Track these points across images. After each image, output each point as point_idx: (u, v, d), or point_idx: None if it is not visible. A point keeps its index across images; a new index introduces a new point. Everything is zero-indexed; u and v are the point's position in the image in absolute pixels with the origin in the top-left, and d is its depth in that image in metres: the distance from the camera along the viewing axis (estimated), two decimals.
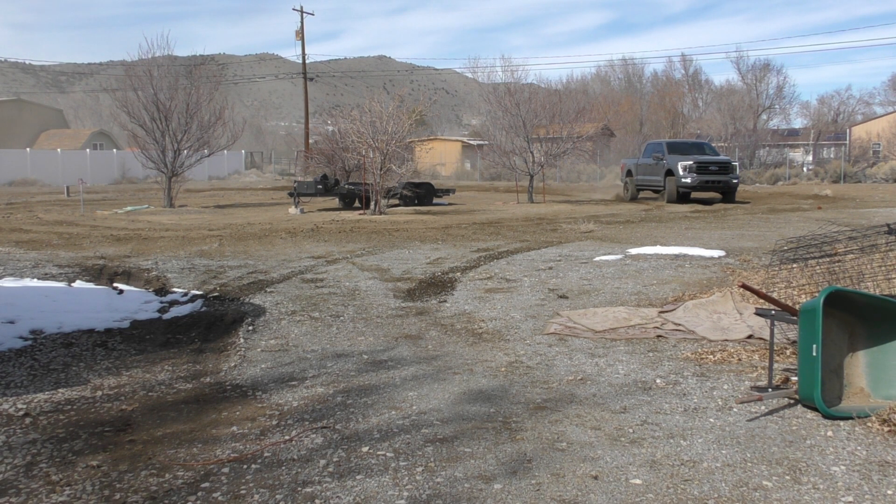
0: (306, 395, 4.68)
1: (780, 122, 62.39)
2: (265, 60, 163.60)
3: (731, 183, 22.72)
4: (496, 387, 4.81)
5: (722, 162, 22.98)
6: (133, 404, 4.58)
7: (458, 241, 12.97)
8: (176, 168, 22.37)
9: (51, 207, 22.69)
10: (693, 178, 22.23)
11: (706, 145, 25.50)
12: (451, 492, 3.32)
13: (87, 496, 3.32)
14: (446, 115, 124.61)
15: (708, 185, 22.51)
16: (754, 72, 60.99)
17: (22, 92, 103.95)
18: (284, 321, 6.77)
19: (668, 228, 14.95)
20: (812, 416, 4.20)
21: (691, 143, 25.82)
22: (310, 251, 11.65)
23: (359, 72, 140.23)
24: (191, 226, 16.40)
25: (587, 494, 3.28)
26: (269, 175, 50.82)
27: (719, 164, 22.88)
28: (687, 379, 4.93)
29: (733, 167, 23.02)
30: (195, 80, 23.56)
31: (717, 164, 22.84)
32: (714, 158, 23.22)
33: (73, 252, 11.69)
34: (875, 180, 36.95)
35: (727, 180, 22.60)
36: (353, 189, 21.68)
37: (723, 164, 22.82)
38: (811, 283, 5.90)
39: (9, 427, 4.18)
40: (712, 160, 22.86)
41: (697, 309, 6.67)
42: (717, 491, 3.31)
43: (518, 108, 24.27)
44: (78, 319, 6.61)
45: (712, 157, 23.27)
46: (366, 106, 19.68)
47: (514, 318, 6.76)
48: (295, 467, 3.60)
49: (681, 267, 9.53)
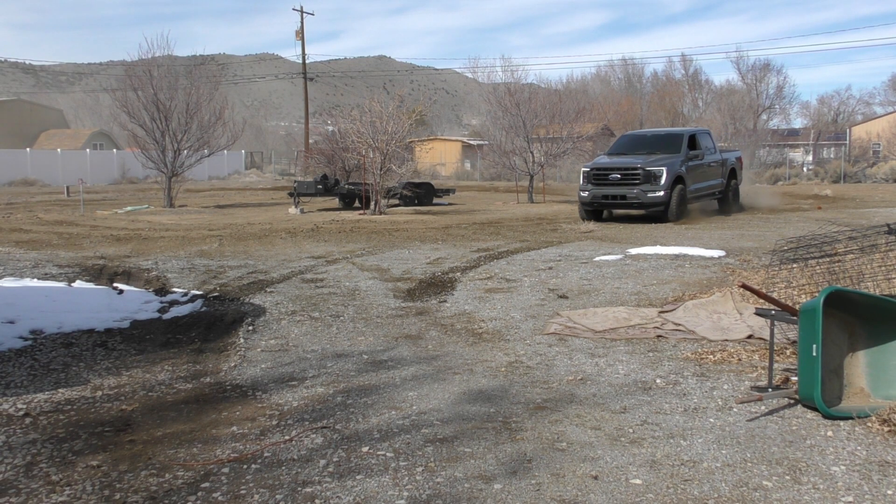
0: (306, 395, 4.68)
1: (780, 122, 62.41)
2: (265, 60, 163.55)
3: (647, 197, 15.85)
4: (496, 387, 4.81)
5: (630, 168, 16.08)
6: (133, 404, 4.58)
7: (458, 241, 12.97)
8: (176, 168, 22.38)
9: (51, 207, 22.69)
10: (589, 192, 16.45)
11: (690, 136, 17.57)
12: (451, 492, 3.32)
13: (87, 496, 3.32)
14: (446, 115, 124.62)
15: (608, 201, 16.35)
16: (754, 72, 60.99)
17: (22, 92, 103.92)
18: (284, 321, 6.77)
19: (668, 228, 14.95)
20: (812, 416, 4.20)
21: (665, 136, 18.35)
22: (310, 251, 11.65)
23: (359, 72, 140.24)
24: (191, 226, 16.40)
25: (587, 494, 3.28)
26: (269, 175, 50.82)
27: (627, 170, 16.10)
28: (687, 379, 4.93)
29: (654, 175, 15.85)
30: (195, 80, 23.58)
31: (624, 170, 16.12)
32: (625, 162, 16.49)
33: (73, 252, 11.69)
34: (875, 180, 36.95)
35: (639, 194, 15.87)
36: (353, 189, 21.68)
37: (632, 172, 16.01)
38: (811, 283, 5.90)
39: (9, 427, 4.18)
40: (620, 165, 16.32)
41: (697, 309, 6.67)
42: (717, 491, 3.31)
43: (518, 108, 24.27)
44: (78, 319, 6.61)
45: (625, 161, 16.57)
46: (366, 106, 19.69)
47: (514, 318, 6.76)
48: (295, 467, 3.60)
49: (681, 267, 9.53)
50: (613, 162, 16.75)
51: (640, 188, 15.89)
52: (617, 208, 17.03)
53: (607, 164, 16.68)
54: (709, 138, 18.60)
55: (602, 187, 16.34)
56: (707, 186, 17.87)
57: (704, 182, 17.70)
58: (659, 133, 19.02)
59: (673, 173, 16.02)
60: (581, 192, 16.75)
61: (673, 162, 16.23)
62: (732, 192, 19.09)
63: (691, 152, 16.96)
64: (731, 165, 18.97)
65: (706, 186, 17.84)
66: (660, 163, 16.03)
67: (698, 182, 17.31)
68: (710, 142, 18.59)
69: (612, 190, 16.22)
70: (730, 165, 18.88)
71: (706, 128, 23.20)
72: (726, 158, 18.83)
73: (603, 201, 16.46)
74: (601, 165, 16.68)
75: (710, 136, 18.84)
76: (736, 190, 19.43)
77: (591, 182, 16.49)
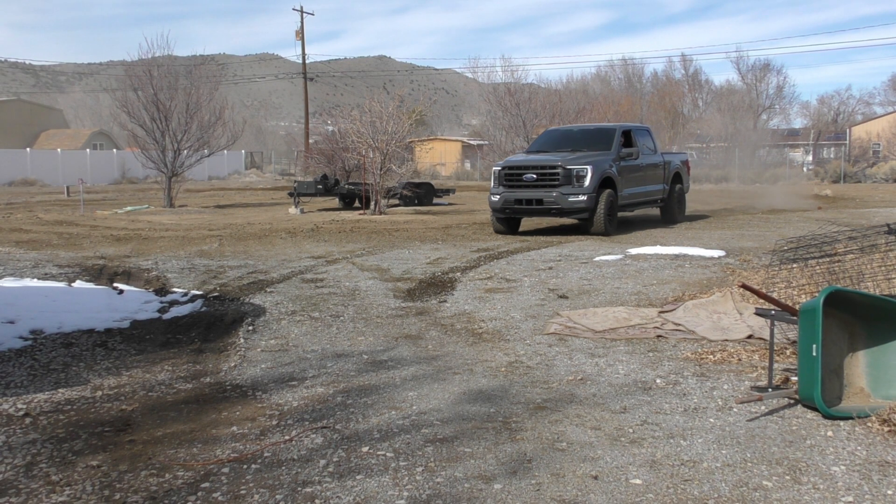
0: (306, 395, 4.68)
1: (780, 122, 62.49)
2: (265, 60, 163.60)
3: (567, 202, 13.15)
4: (496, 387, 4.81)
5: (548, 166, 13.52)
6: (133, 404, 4.58)
7: (458, 240, 12.97)
8: (176, 168, 22.38)
9: (51, 207, 22.69)
10: (500, 196, 13.70)
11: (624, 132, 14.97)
12: (451, 492, 3.32)
13: (87, 496, 3.32)
14: (446, 115, 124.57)
15: (521, 206, 13.63)
16: (754, 72, 61.07)
17: (22, 92, 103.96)
18: (284, 321, 6.77)
19: (668, 228, 14.96)
20: (812, 416, 4.20)
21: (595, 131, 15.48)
22: (310, 251, 11.65)
23: (359, 72, 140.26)
24: (191, 226, 16.40)
25: (587, 494, 3.28)
26: (269, 175, 50.83)
27: (544, 170, 13.52)
28: (687, 379, 4.93)
29: (577, 175, 13.24)
30: (195, 80, 23.57)
31: (542, 169, 13.54)
32: (543, 160, 13.90)
33: (73, 252, 11.69)
34: (875, 180, 36.97)
35: (558, 198, 13.18)
36: (353, 189, 21.68)
37: (550, 171, 13.42)
38: (811, 283, 5.90)
39: (9, 427, 4.18)
40: (536, 164, 13.75)
41: (697, 309, 6.67)
42: (717, 491, 3.31)
43: (518, 108, 24.29)
44: (78, 319, 6.61)
45: (544, 159, 14.00)
46: (366, 106, 19.69)
47: (514, 318, 6.76)
48: (295, 467, 3.60)
49: (681, 267, 9.53)
50: (530, 160, 14.10)
51: (560, 191, 13.21)
52: (532, 215, 14.11)
53: (522, 161, 14.02)
54: (648, 137, 16.01)
55: (515, 190, 13.60)
56: (644, 192, 15.25)
57: (641, 186, 15.05)
58: (587, 129, 16.14)
59: (600, 174, 13.38)
60: (491, 195, 13.90)
61: (600, 161, 13.66)
62: (677, 199, 16.49)
63: (625, 150, 14.46)
64: (676, 169, 16.47)
65: (643, 192, 15.19)
66: (584, 161, 13.45)
67: (633, 186, 14.67)
68: (651, 141, 16.00)
69: (526, 193, 13.49)
70: (674, 169, 16.34)
71: (646, 125, 19.69)
72: (669, 161, 16.31)
73: (516, 207, 13.62)
74: (515, 164, 13.96)
75: (649, 135, 16.19)
76: (681, 196, 16.88)
77: (503, 184, 13.79)
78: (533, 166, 13.67)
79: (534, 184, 13.49)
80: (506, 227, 14.07)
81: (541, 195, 13.36)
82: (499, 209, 13.83)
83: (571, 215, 13.48)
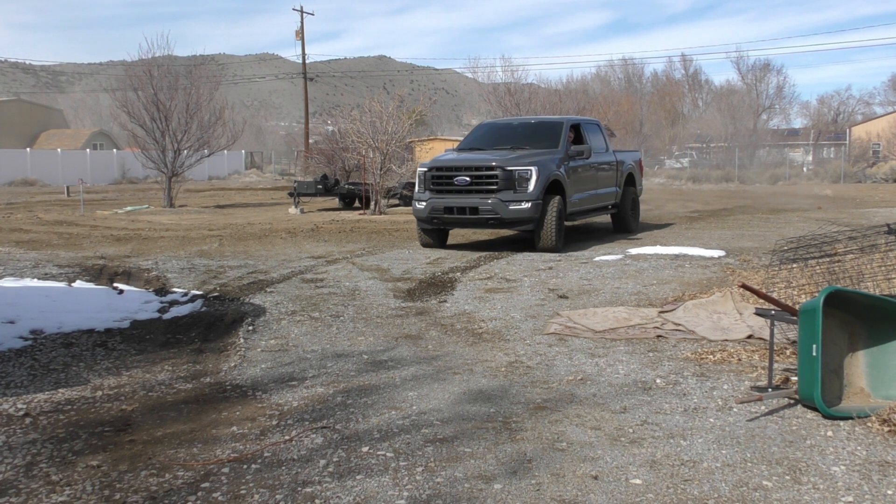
0: (306, 395, 4.68)
1: (780, 122, 62.54)
2: (265, 60, 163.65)
3: (508, 211, 10.95)
4: (496, 387, 4.81)
5: (483, 167, 11.17)
6: (133, 404, 4.58)
7: (458, 240, 12.97)
8: (176, 168, 22.38)
9: (51, 207, 22.69)
10: (426, 203, 11.47)
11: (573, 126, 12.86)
12: (451, 492, 3.32)
13: (87, 496, 3.32)
14: (446, 115, 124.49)
15: (452, 216, 11.37)
16: (754, 72, 61.11)
17: (22, 92, 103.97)
18: (284, 321, 6.77)
19: (668, 228, 14.96)
20: (812, 416, 4.20)
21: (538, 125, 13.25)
22: (310, 251, 11.65)
23: (359, 72, 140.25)
24: (191, 226, 16.40)
25: (587, 494, 3.28)
26: (269, 175, 50.83)
27: (479, 171, 11.20)
28: (687, 379, 4.93)
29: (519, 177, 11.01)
30: (195, 80, 23.57)
31: (476, 171, 11.24)
32: (478, 160, 11.47)
33: (73, 252, 11.69)
34: (875, 180, 36.96)
35: (496, 205, 10.95)
36: (353, 189, 21.68)
37: (487, 174, 11.12)
38: (811, 283, 5.90)
39: (9, 427, 4.18)
40: (470, 164, 11.37)
41: (697, 309, 6.68)
42: (717, 491, 3.31)
43: (518, 108, 24.30)
44: (78, 319, 6.61)
45: (478, 158, 11.56)
46: (366, 106, 19.70)
47: (514, 318, 6.76)
48: (295, 467, 3.60)
49: (681, 267, 9.53)
50: (462, 159, 11.68)
51: (498, 197, 10.91)
52: (466, 226, 11.85)
53: (453, 161, 11.64)
54: (599, 132, 13.76)
55: (445, 196, 11.30)
56: (596, 197, 12.99)
57: (593, 190, 12.84)
58: (530, 122, 13.78)
59: (547, 176, 11.13)
60: (416, 202, 11.66)
61: (546, 161, 11.40)
62: (631, 205, 14.23)
63: (574, 149, 12.09)
64: (629, 170, 14.26)
65: (595, 197, 12.95)
66: (528, 161, 11.19)
67: (584, 190, 12.46)
68: (602, 137, 13.77)
69: (458, 200, 11.15)
70: (626, 170, 14.13)
71: (595, 118, 16.23)
72: (622, 160, 14.05)
73: (445, 217, 11.32)
74: (444, 164, 11.62)
75: (600, 130, 13.95)
76: (635, 202, 14.60)
77: (430, 188, 11.46)
78: (466, 167, 11.31)
79: (467, 188, 11.20)
80: (435, 239, 11.97)
81: (475, 202, 11.05)
82: (425, 218, 11.58)
83: (513, 226, 11.27)
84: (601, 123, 14.53)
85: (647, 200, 24.82)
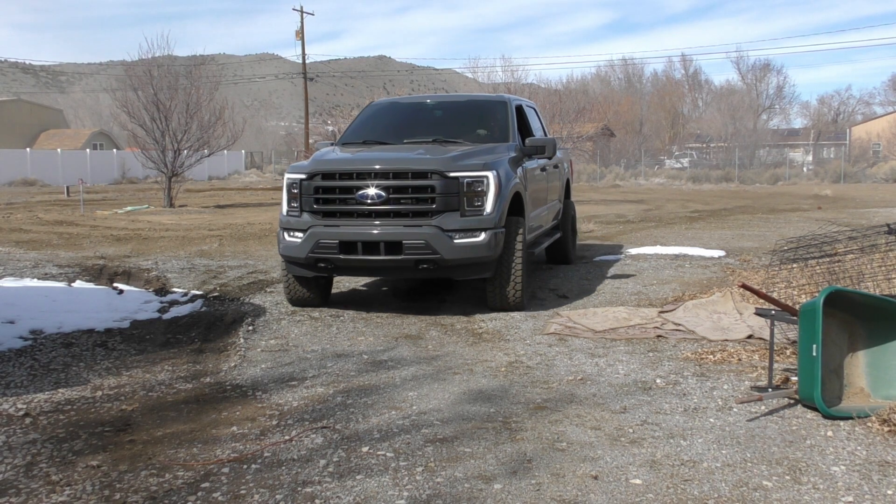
0: (306, 395, 4.68)
1: (780, 122, 62.57)
2: (265, 60, 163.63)
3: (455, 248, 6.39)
4: (496, 387, 4.81)
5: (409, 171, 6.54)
6: (133, 404, 4.58)
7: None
8: (176, 168, 22.37)
9: (51, 207, 22.68)
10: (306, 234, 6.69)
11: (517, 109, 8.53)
12: (451, 492, 3.32)
13: (87, 496, 3.32)
14: None
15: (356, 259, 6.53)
16: (754, 72, 61.14)
17: (22, 92, 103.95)
18: (284, 321, 6.77)
19: (668, 228, 14.95)
20: (812, 416, 4.20)
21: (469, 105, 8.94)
22: None
23: (359, 72, 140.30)
24: (191, 226, 16.39)
25: (587, 494, 3.28)
26: (269, 175, 50.82)
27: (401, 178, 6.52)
28: (687, 379, 4.93)
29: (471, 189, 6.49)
30: (195, 80, 23.54)
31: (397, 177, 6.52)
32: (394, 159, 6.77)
33: (73, 252, 11.69)
34: (875, 180, 36.97)
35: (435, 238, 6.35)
36: None
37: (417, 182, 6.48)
38: (811, 283, 5.90)
39: (9, 427, 4.18)
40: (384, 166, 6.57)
41: (697, 309, 6.68)
42: (717, 491, 3.31)
43: None
44: (78, 319, 6.60)
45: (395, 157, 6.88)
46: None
47: (514, 318, 6.76)
48: (295, 467, 3.60)
49: (681, 267, 9.53)
50: (365, 159, 6.97)
51: (437, 223, 6.48)
52: (379, 273, 7.47)
53: (350, 163, 6.88)
54: (538, 120, 9.85)
55: (340, 221, 6.71)
56: (547, 214, 9.00)
57: (543, 205, 8.74)
58: (455, 101, 9.44)
59: (508, 185, 6.89)
60: (284, 232, 6.99)
61: (502, 160, 7.08)
62: (571, 222, 10.25)
63: (531, 142, 7.84)
64: (566, 175, 10.43)
65: (546, 214, 8.92)
66: (477, 161, 6.83)
67: (537, 205, 8.35)
68: (542, 127, 9.99)
69: (364, 229, 6.54)
70: (565, 175, 10.35)
71: (531, 101, 10.59)
72: (561, 159, 10.04)
73: (341, 258, 6.62)
74: (336, 167, 6.84)
75: (538, 116, 10.01)
76: (574, 219, 10.58)
77: (310, 209, 6.82)
78: (377, 173, 6.60)
79: (379, 207, 6.55)
80: (315, 292, 7.26)
81: (397, 233, 6.48)
82: (303, 260, 6.81)
83: (459, 274, 6.75)
84: (537, 108, 10.47)
85: (648, 201, 24.83)
